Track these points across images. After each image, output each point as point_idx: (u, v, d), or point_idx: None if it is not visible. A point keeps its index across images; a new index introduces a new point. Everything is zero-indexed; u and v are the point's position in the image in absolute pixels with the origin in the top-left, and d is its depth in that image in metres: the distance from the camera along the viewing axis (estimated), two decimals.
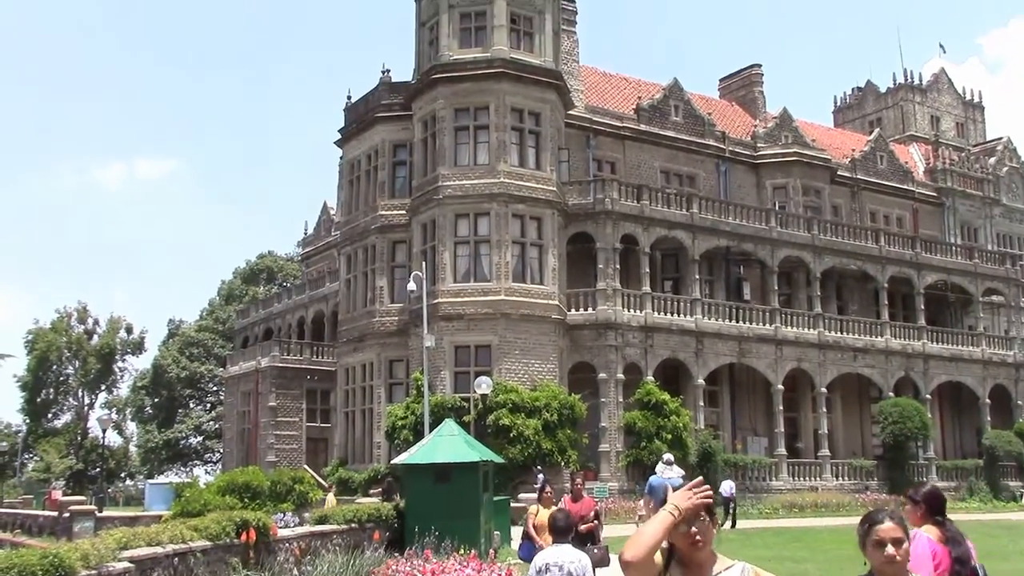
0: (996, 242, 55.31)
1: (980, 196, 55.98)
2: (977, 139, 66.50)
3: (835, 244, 43.26)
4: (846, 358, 42.18)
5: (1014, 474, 45.34)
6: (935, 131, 63.89)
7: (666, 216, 38.53)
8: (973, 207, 55.70)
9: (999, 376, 47.15)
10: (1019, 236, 57.41)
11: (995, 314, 51.81)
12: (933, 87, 67.58)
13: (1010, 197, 57.64)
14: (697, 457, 35.12)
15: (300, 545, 14.69)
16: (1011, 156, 59.56)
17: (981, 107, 70.49)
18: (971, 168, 56.71)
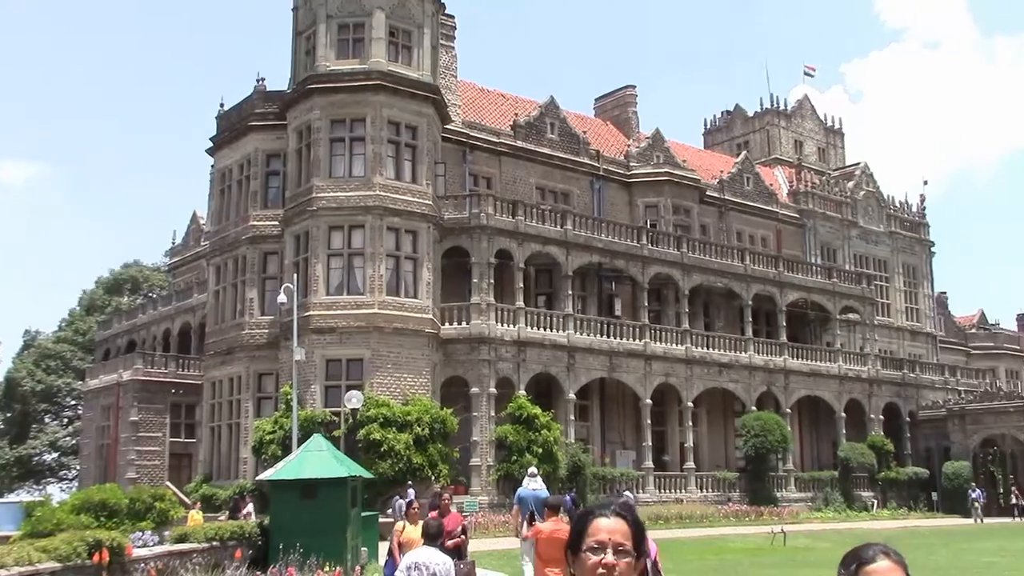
0: (853, 262, 57.82)
1: (839, 218, 58.47)
2: (837, 164, 69.51)
3: (703, 262, 44.51)
4: (712, 373, 43.41)
5: (866, 485, 47.39)
6: (798, 155, 66.57)
7: (540, 232, 38.98)
8: (832, 229, 58.12)
9: (854, 391, 49.25)
10: (874, 257, 60.18)
11: (851, 331, 54.16)
12: (797, 113, 70.40)
13: (866, 220, 60.39)
14: (567, 471, 35.54)
15: (157, 565, 14.26)
16: (868, 181, 62.43)
17: (841, 133, 73.77)
18: (831, 191, 59.19)
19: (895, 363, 53.65)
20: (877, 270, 59.34)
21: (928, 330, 62.87)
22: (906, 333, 60.82)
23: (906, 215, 63.70)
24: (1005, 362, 72.97)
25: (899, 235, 62.28)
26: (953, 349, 68.11)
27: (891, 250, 61.50)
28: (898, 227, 62.46)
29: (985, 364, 68.67)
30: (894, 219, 62.42)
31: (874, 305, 54.46)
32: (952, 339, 69.16)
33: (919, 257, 63.64)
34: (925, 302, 63.26)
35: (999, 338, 74.84)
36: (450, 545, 13.15)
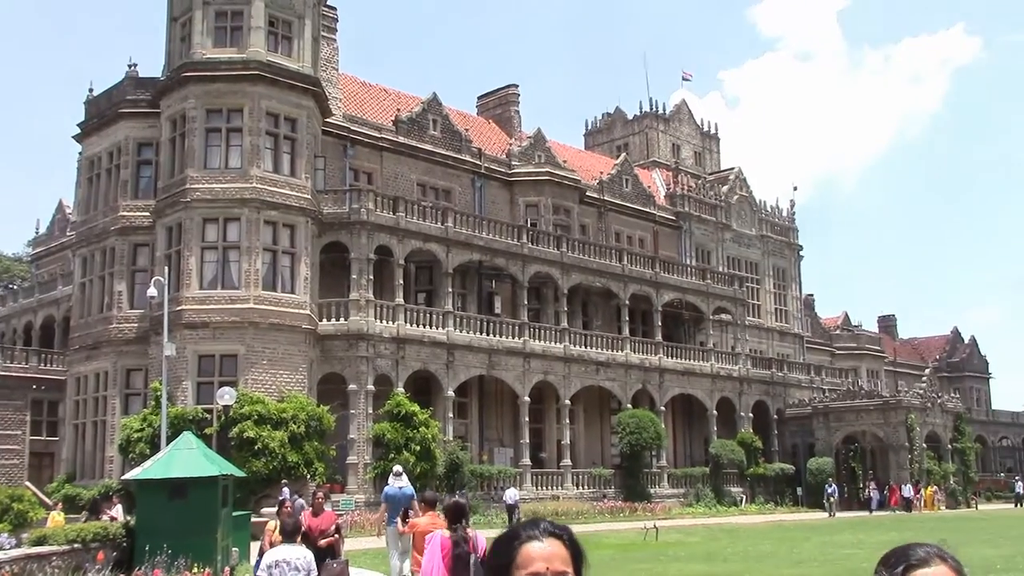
0: (726, 264, 59.47)
1: (713, 221, 60.04)
2: (713, 168, 71.36)
3: (582, 262, 45.06)
4: (589, 371, 43.99)
5: (736, 480, 48.83)
6: (676, 158, 68.02)
7: (421, 229, 38.81)
8: (707, 231, 59.64)
9: (725, 389, 50.67)
10: (746, 259, 62.04)
11: (723, 331, 55.69)
12: (675, 117, 71.98)
13: (739, 223, 62.19)
14: (445, 468, 35.49)
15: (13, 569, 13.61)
16: (741, 185, 64.30)
17: (717, 138, 75.76)
18: (706, 195, 60.73)
19: (764, 362, 55.44)
20: (749, 272, 61.19)
21: (796, 331, 65.20)
22: (775, 333, 62.93)
23: (777, 219, 65.89)
24: (867, 362, 76.18)
25: (770, 239, 64.39)
26: (819, 349, 70.78)
27: (762, 253, 63.53)
28: (769, 231, 64.57)
29: (848, 364, 71.63)
30: (765, 223, 64.50)
31: (745, 306, 56.13)
32: (818, 340, 71.86)
33: (788, 260, 65.93)
34: (793, 304, 65.58)
35: (861, 339, 78.09)
36: (323, 544, 12.97)
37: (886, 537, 29.13)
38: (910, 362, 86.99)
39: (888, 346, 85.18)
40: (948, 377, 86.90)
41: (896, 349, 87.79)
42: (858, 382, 61.61)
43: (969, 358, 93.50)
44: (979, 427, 77.47)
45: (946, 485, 52.64)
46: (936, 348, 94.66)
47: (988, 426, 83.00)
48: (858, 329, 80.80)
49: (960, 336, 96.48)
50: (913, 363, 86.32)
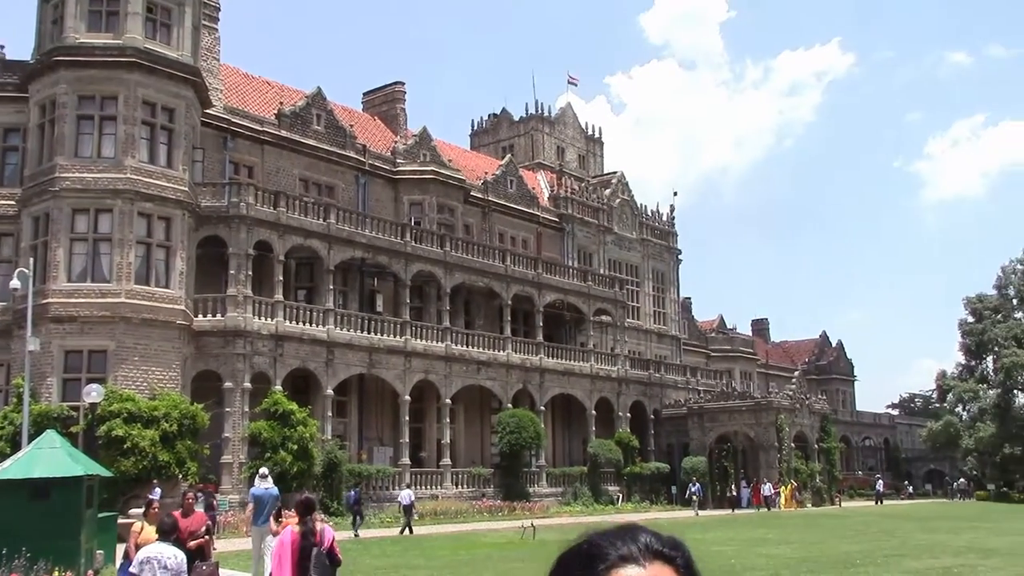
0: (607, 267, 60.41)
1: (596, 224, 60.92)
2: (596, 171, 72.49)
3: (465, 261, 45.11)
4: (471, 371, 44.07)
5: (613, 479, 49.64)
6: (560, 161, 68.86)
7: (303, 224, 38.22)
8: (589, 233, 60.47)
9: (604, 389, 51.45)
10: (627, 262, 63.15)
11: (603, 332, 56.58)
12: (561, 120, 72.83)
13: (621, 226, 63.25)
14: (323, 467, 35.07)
15: None
16: (623, 189, 65.40)
17: (601, 142, 76.98)
18: (589, 198, 61.55)
19: (642, 363, 56.50)
20: (629, 275, 62.29)
21: (673, 333, 66.67)
22: (653, 335, 64.23)
23: (657, 224, 67.25)
24: (740, 364, 78.48)
25: (650, 242, 65.68)
26: (695, 351, 72.56)
27: (642, 256, 64.75)
28: (649, 235, 65.86)
29: (723, 366, 73.65)
30: (646, 227, 65.77)
31: (625, 308, 57.13)
32: (694, 342, 73.68)
33: (667, 264, 67.37)
34: (671, 306, 67.05)
35: (736, 342, 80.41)
36: (192, 546, 12.64)
37: (755, 534, 30.13)
38: (781, 364, 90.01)
39: (761, 349, 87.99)
40: (816, 379, 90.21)
41: (768, 352, 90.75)
42: (732, 383, 63.48)
43: (836, 361, 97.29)
44: (844, 428, 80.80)
45: (812, 483, 54.63)
46: (806, 351, 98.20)
47: (852, 427, 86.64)
48: (733, 332, 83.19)
49: (828, 340, 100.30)
50: (784, 365, 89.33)
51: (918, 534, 30.95)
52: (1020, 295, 75.59)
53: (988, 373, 75.37)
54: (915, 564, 20.32)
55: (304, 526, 9.19)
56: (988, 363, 75.57)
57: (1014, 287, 75.76)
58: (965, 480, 74.39)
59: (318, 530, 9.24)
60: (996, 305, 75.64)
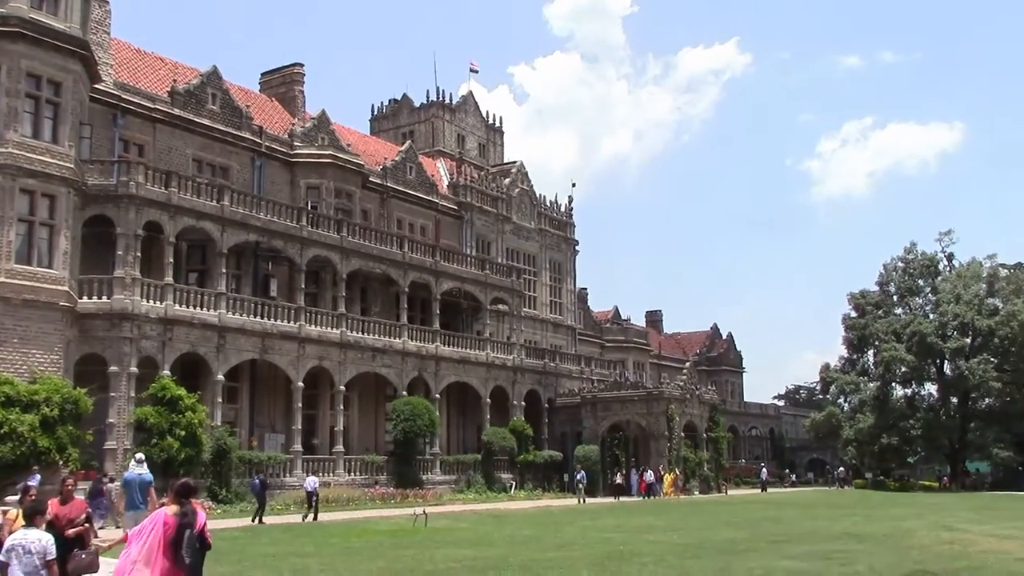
0: (505, 256, 60.68)
1: (495, 213, 61.10)
2: (496, 160, 72.62)
3: (362, 247, 44.72)
4: (366, 357, 43.76)
5: (506, 467, 49.97)
6: (460, 149, 68.82)
7: (195, 206, 37.32)
8: (488, 222, 60.61)
9: (500, 378, 51.71)
10: (524, 252, 63.53)
11: (500, 321, 56.84)
12: (462, 108, 72.71)
13: (519, 216, 63.58)
14: (211, 454, 34.42)
15: None
16: (523, 179, 65.71)
17: (501, 131, 77.13)
18: (488, 187, 61.68)
19: (538, 353, 56.98)
20: (527, 264, 62.72)
21: (569, 323, 67.40)
22: (549, 325, 64.84)
23: (555, 214, 67.82)
24: (634, 355, 79.79)
25: (548, 232, 66.22)
26: (590, 341, 73.51)
27: (540, 246, 65.25)
28: (547, 225, 66.39)
29: (617, 356, 74.84)
30: (544, 217, 66.26)
31: (522, 297, 57.50)
32: (589, 332, 74.62)
33: (564, 254, 68.04)
34: (567, 297, 67.77)
35: (630, 332, 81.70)
36: (71, 534, 12.27)
37: (642, 521, 30.74)
38: (674, 355, 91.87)
39: (654, 340, 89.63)
40: (707, 370, 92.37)
41: (661, 343, 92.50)
42: (625, 374, 64.54)
43: (726, 353, 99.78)
44: (732, 418, 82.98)
45: (700, 472, 55.97)
46: (697, 343, 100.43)
47: (740, 417, 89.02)
48: (627, 323, 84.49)
49: (719, 332, 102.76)
50: (676, 356, 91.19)
51: (799, 520, 31.99)
52: (900, 292, 78.72)
53: (869, 366, 78.37)
54: (795, 549, 21.00)
55: (181, 508, 9.14)
56: (869, 357, 78.57)
57: (895, 284, 78.86)
58: (845, 469, 77.20)
59: (192, 512, 9.27)
60: (878, 301, 78.63)
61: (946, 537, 24.87)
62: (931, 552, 20.83)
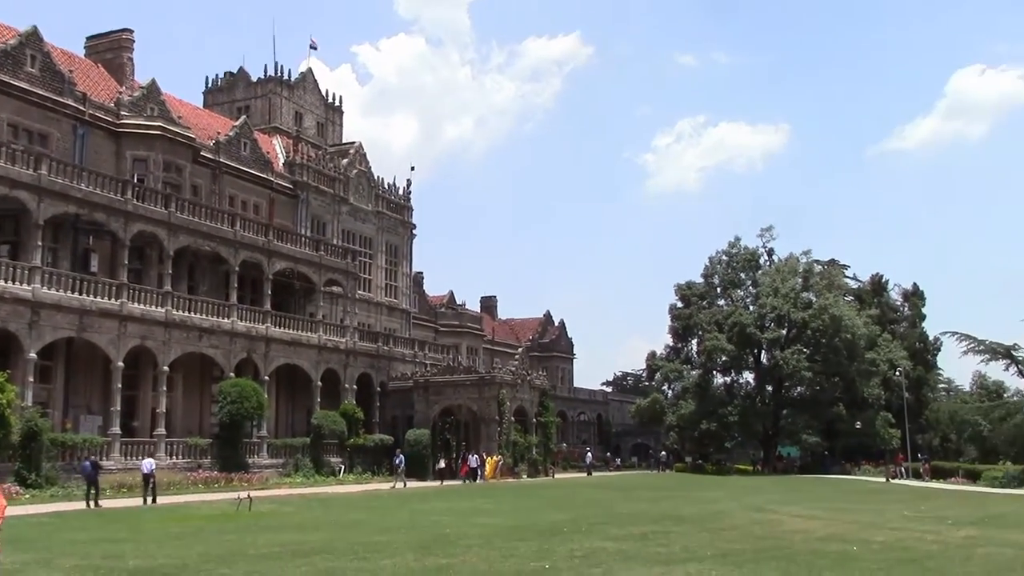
0: (341, 238, 59.92)
1: (331, 193, 60.21)
2: (335, 140, 71.51)
3: (192, 223, 43.23)
4: (192, 338, 42.38)
5: (336, 451, 49.46)
6: (298, 127, 67.40)
7: (9, 174, 35.17)
8: (324, 203, 59.68)
9: (331, 361, 51.09)
10: (361, 234, 62.90)
11: (333, 303, 56.13)
12: (300, 85, 71.14)
13: (356, 197, 62.88)
14: (21, 436, 32.61)
15: None
16: (361, 160, 65.00)
17: (341, 111, 75.93)
18: (326, 166, 60.70)
19: (371, 336, 56.60)
20: (363, 247, 62.16)
21: (404, 307, 67.22)
22: (384, 308, 64.51)
23: (393, 197, 67.41)
24: (468, 340, 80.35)
25: (385, 215, 65.78)
26: (424, 325, 73.56)
27: (377, 229, 64.75)
28: (385, 208, 65.93)
29: (451, 341, 75.15)
30: (382, 200, 65.78)
31: (357, 280, 56.96)
32: (424, 316, 74.67)
33: (401, 237, 67.76)
34: (403, 280, 67.55)
35: (464, 317, 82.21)
36: None
37: (470, 504, 31.07)
38: (507, 341, 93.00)
39: (488, 325, 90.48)
40: (539, 356, 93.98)
41: (495, 328, 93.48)
42: (458, 358, 64.86)
43: (558, 340, 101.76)
44: (562, 403, 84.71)
45: (528, 456, 56.94)
46: (530, 329, 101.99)
47: (569, 402, 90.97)
48: (462, 308, 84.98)
49: (551, 319, 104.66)
50: (509, 342, 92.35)
51: (622, 503, 33.04)
52: (724, 284, 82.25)
53: (692, 355, 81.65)
54: (617, 531, 21.68)
55: None
56: (693, 345, 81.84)
57: (719, 276, 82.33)
58: (667, 453, 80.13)
59: None
60: (702, 292, 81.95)
61: (757, 518, 26.23)
62: (743, 532, 21.92)
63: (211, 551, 17.34)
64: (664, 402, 79.68)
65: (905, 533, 21.43)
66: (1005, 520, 25.85)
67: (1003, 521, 25.52)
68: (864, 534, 21.04)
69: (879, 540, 19.68)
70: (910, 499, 36.68)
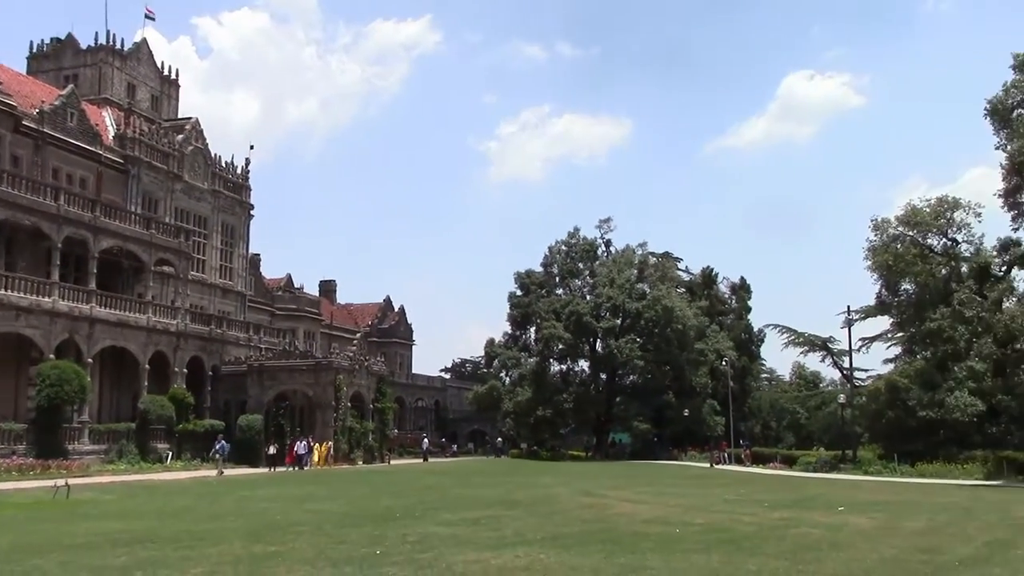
0: (175, 216, 57.85)
1: (165, 170, 58.01)
2: (170, 115, 68.92)
3: (11, 196, 40.88)
4: (8, 317, 40.11)
5: (164, 437, 47.81)
6: (130, 99, 64.63)
7: None
8: (157, 179, 57.46)
9: (161, 343, 49.31)
10: (196, 213, 60.89)
11: (165, 284, 54.19)
12: (135, 55, 68.16)
13: (192, 175, 60.81)
14: None
15: None
16: (198, 136, 62.89)
17: (178, 85, 73.18)
18: (160, 141, 58.44)
19: (204, 318, 54.97)
20: (197, 226, 60.18)
21: (239, 289, 65.53)
22: (218, 290, 62.71)
23: (231, 176, 65.55)
24: (305, 324, 79.07)
25: (222, 194, 63.89)
26: (261, 309, 71.92)
27: (212, 208, 62.83)
28: (222, 186, 64.04)
29: (288, 325, 73.78)
30: (219, 178, 63.85)
31: (190, 260, 55.13)
32: (260, 299, 72.99)
33: (238, 218, 65.98)
34: (239, 262, 65.81)
35: (302, 301, 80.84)
36: None
37: (303, 491, 30.67)
38: (345, 326, 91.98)
39: (327, 310, 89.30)
40: (378, 342, 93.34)
41: (334, 313, 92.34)
42: (295, 343, 63.74)
43: (397, 325, 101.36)
44: (400, 389, 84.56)
45: (364, 442, 56.56)
46: (369, 314, 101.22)
47: (408, 388, 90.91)
48: (300, 292, 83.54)
49: (391, 305, 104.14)
50: (348, 327, 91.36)
51: (456, 489, 33.24)
52: (562, 273, 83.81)
53: (530, 343, 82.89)
54: (450, 516, 21.81)
55: None
56: (531, 334, 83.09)
57: (558, 266, 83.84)
58: (503, 439, 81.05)
59: None
60: (541, 281, 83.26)
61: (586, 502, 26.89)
62: (572, 516, 22.43)
63: (22, 541, 16.49)
64: (501, 389, 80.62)
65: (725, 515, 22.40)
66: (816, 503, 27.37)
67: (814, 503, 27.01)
68: (686, 516, 21.87)
69: (700, 522, 20.51)
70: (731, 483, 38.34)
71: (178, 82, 73.06)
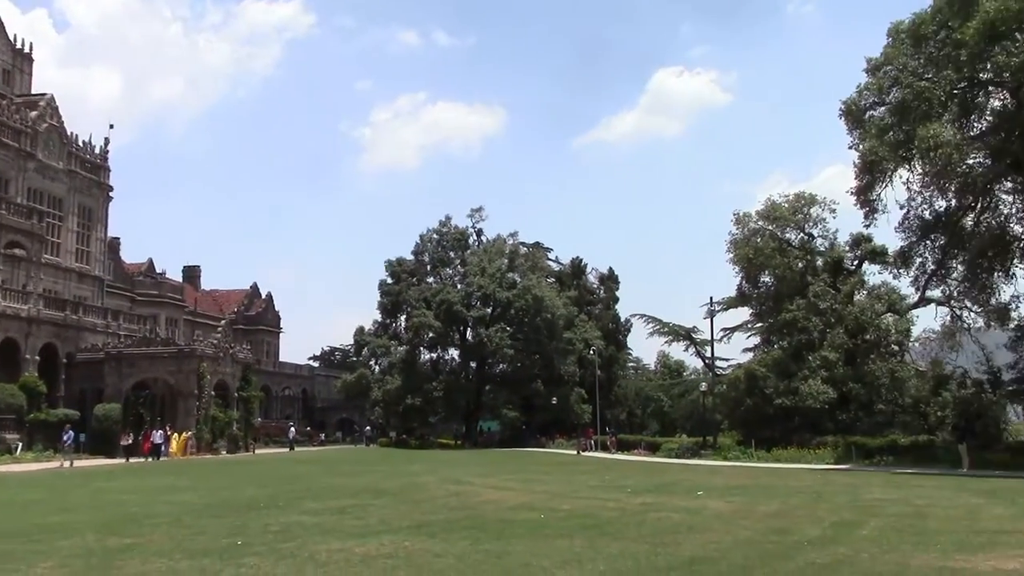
0: (27, 196, 55.29)
1: (16, 147, 55.39)
2: (22, 90, 65.68)
3: None
4: None
5: (13, 427, 45.73)
6: None
7: None
8: (7, 157, 54.80)
9: (11, 329, 47.18)
10: (50, 194, 58.31)
11: (15, 267, 51.74)
12: None
13: (46, 154, 58.19)
14: None
15: None
16: (53, 114, 60.22)
17: (31, 59, 69.78)
18: (11, 118, 55.73)
19: (59, 304, 52.81)
20: (52, 207, 57.70)
21: (97, 273, 63.11)
22: (74, 275, 60.25)
23: (89, 156, 63.02)
24: (167, 310, 76.71)
25: (78, 175, 61.35)
26: (120, 294, 69.43)
27: (68, 189, 60.29)
28: (79, 167, 61.51)
29: (149, 311, 71.43)
30: (75, 158, 61.30)
31: (43, 243, 52.82)
32: (120, 284, 70.46)
33: (96, 200, 63.49)
34: (97, 245, 63.37)
35: (164, 287, 78.41)
36: None
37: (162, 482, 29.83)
38: (210, 313, 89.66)
39: (190, 296, 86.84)
40: (244, 330, 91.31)
41: (198, 299, 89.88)
42: (156, 330, 61.81)
43: (264, 313, 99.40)
44: (267, 377, 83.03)
45: (228, 431, 55.32)
46: (235, 301, 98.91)
47: (274, 377, 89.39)
48: (162, 277, 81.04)
49: (258, 291, 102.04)
50: (213, 314, 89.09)
51: (322, 478, 32.84)
52: (433, 262, 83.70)
53: (400, 331, 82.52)
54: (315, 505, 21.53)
55: None
56: (401, 322, 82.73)
57: (429, 254, 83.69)
58: (372, 428, 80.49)
59: None
60: (413, 269, 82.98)
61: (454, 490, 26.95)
62: (439, 504, 22.45)
63: None
64: (371, 377, 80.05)
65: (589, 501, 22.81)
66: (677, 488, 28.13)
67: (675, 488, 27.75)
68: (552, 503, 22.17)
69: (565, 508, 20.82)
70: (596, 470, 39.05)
71: (32, 56, 69.64)
